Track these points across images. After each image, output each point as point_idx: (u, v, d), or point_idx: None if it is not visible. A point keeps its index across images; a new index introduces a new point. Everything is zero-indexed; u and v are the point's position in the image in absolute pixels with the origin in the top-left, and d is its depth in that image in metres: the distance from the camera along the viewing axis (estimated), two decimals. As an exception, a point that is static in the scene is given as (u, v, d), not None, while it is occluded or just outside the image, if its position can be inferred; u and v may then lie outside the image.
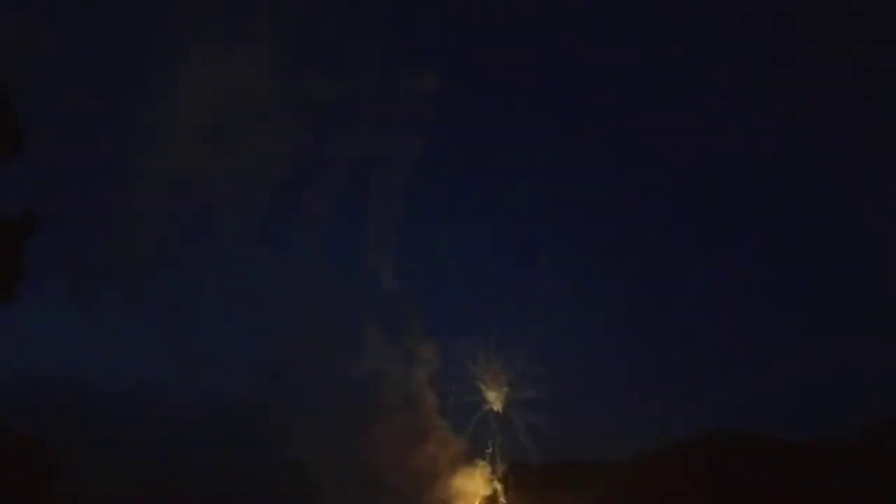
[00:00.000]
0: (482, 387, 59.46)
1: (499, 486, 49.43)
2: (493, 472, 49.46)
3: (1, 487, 22.69)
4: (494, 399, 56.15)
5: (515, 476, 50.91)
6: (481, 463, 49.23)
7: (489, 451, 52.70)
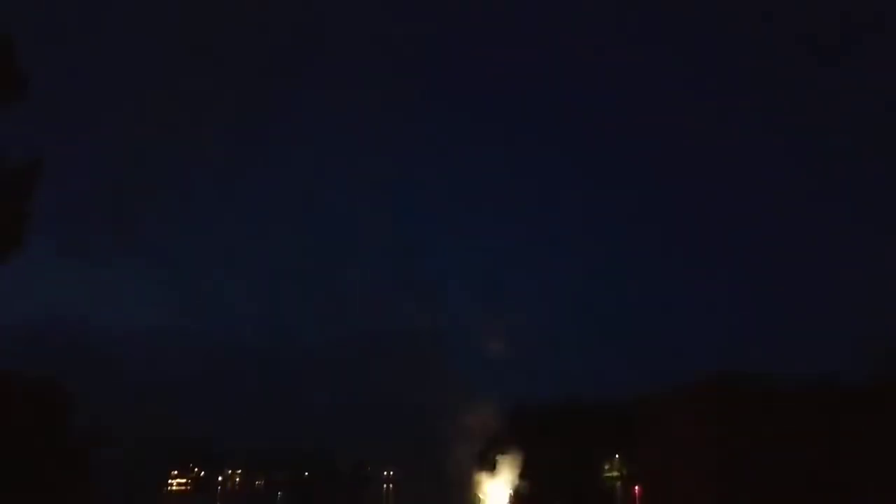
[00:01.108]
0: (484, 333, 60.17)
1: (501, 426, 50.39)
2: (497, 412, 50.37)
3: (19, 423, 23.17)
4: (496, 345, 56.86)
5: (518, 416, 51.96)
6: (485, 404, 50.11)
7: (492, 394, 53.73)
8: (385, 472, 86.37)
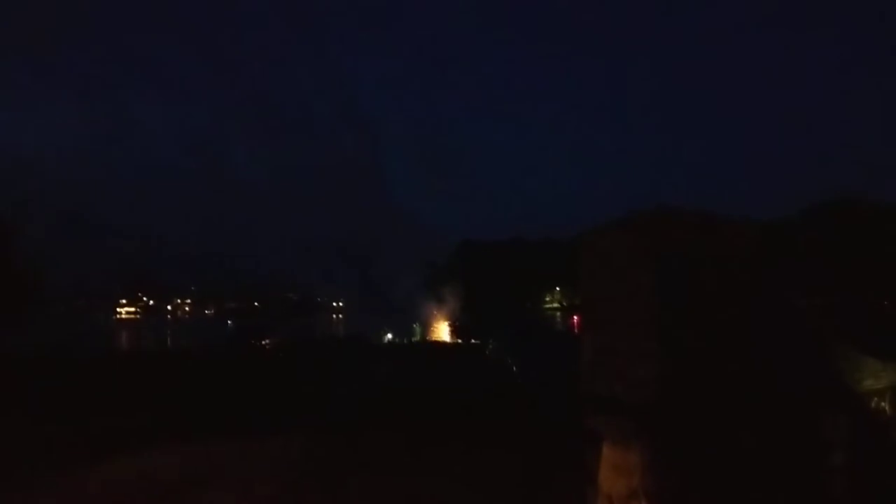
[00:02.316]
0: (436, 173, 60.19)
1: (447, 260, 51.88)
2: (443, 247, 51.59)
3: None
4: (444, 183, 57.28)
5: (464, 251, 53.46)
6: (431, 238, 51.19)
7: (439, 230, 54.79)
8: (334, 303, 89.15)
